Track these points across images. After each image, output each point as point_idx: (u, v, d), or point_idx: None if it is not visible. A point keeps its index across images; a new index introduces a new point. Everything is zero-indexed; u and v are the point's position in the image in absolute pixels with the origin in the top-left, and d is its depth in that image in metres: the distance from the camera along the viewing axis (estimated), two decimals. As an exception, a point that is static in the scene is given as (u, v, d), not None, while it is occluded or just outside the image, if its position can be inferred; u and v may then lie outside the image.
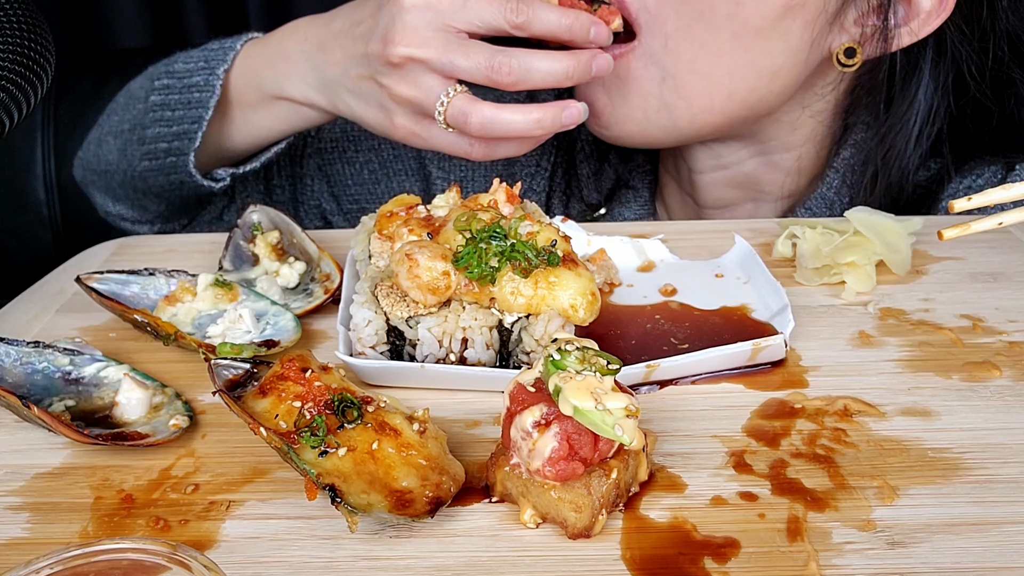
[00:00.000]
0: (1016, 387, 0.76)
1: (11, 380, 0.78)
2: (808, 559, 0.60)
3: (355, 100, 1.03)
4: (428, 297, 0.76)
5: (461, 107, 0.94)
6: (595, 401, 0.60)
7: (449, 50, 0.93)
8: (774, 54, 1.05)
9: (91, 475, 0.70)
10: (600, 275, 0.92)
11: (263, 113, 1.15)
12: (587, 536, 0.62)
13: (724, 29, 1.02)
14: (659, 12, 1.03)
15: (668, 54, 1.04)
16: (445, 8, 0.93)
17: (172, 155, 1.16)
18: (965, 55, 1.08)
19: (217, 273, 0.91)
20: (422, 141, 1.00)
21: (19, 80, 0.88)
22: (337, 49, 1.02)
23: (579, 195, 1.36)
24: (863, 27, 1.05)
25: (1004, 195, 0.76)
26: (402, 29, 0.93)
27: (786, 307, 0.83)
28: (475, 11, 0.93)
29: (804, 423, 0.73)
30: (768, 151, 1.19)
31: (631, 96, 1.08)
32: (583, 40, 0.95)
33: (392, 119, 1.00)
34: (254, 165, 1.22)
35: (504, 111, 0.93)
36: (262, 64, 1.13)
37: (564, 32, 0.94)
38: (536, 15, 0.93)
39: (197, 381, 0.81)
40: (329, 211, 1.39)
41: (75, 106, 1.85)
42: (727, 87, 1.06)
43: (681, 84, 1.06)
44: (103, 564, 0.52)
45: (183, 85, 1.16)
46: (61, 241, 1.89)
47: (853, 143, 1.16)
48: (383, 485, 0.63)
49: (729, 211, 1.26)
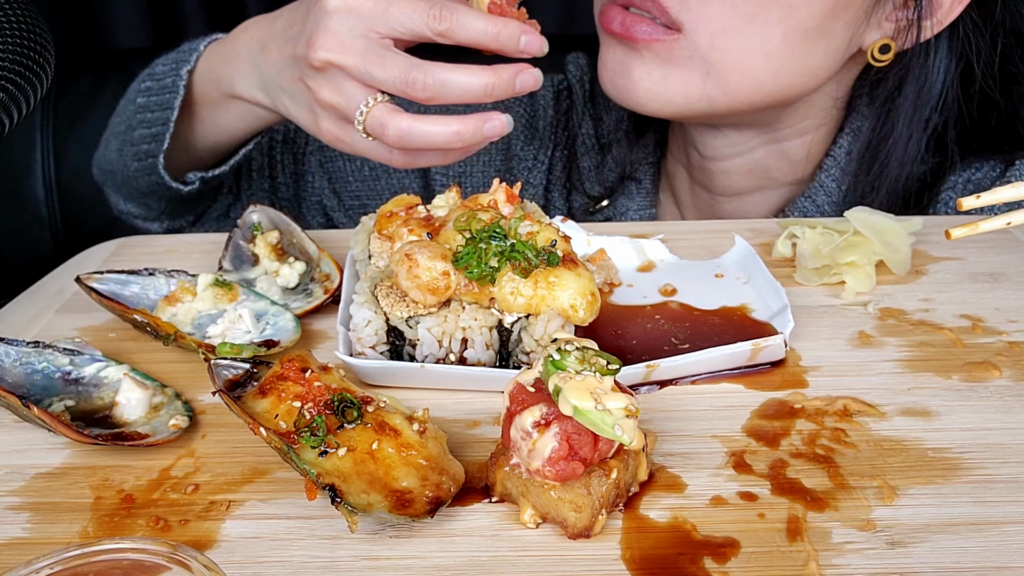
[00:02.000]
0: (1016, 387, 0.76)
1: (11, 380, 0.78)
2: (808, 559, 0.60)
3: (290, 101, 1.02)
4: (428, 297, 0.76)
5: (379, 117, 0.92)
6: (595, 401, 0.60)
7: (368, 59, 0.91)
8: (817, 54, 1.07)
9: (91, 475, 0.70)
10: (600, 275, 0.92)
11: (223, 112, 1.16)
12: (587, 536, 0.62)
13: (774, 31, 1.04)
14: (705, 11, 1.03)
15: (715, 51, 1.05)
16: (367, 13, 0.91)
17: (150, 156, 1.18)
18: (975, 46, 1.10)
19: (217, 273, 0.91)
20: (346, 146, 0.99)
21: (19, 80, 0.88)
22: (274, 49, 1.01)
23: (581, 188, 1.36)
24: (895, 22, 1.08)
25: (1013, 193, 0.76)
26: (324, 33, 0.91)
27: (786, 307, 0.83)
28: (397, 17, 0.90)
29: (804, 423, 0.73)
30: (780, 139, 1.20)
31: (673, 82, 1.09)
32: (512, 50, 0.92)
33: (318, 122, 0.99)
34: (223, 169, 1.23)
35: (423, 123, 0.91)
36: (218, 63, 1.13)
37: (491, 41, 0.91)
38: (461, 23, 0.90)
39: (197, 381, 0.81)
40: (331, 207, 1.40)
41: (75, 106, 1.85)
42: (770, 85, 1.08)
43: (725, 80, 1.07)
44: (103, 564, 0.52)
45: (159, 87, 1.17)
46: (61, 241, 1.89)
47: (857, 131, 1.19)
48: (383, 485, 0.63)
49: (739, 199, 1.27)
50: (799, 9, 1.03)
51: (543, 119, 1.39)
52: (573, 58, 1.42)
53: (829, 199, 1.19)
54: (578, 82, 1.39)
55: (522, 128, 1.38)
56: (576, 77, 1.40)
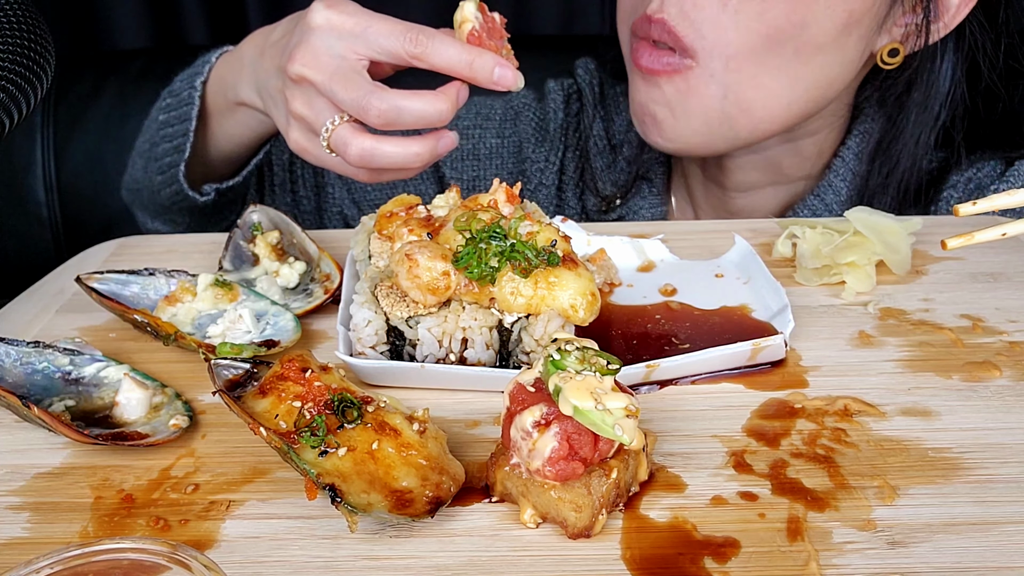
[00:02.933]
0: (1016, 387, 0.76)
1: (11, 380, 0.78)
2: (808, 559, 0.60)
3: (274, 107, 1.05)
4: (428, 297, 0.76)
5: (343, 136, 0.94)
6: (595, 401, 0.60)
7: (335, 78, 0.93)
8: (832, 66, 1.10)
9: (91, 475, 0.70)
10: (600, 275, 0.92)
11: (231, 120, 1.19)
12: (587, 536, 0.62)
13: (787, 49, 1.06)
14: (719, 38, 1.05)
15: (730, 73, 1.07)
16: (347, 32, 0.93)
17: (172, 167, 1.22)
18: (981, 45, 1.12)
19: (217, 273, 0.91)
20: (312, 158, 1.00)
21: (19, 81, 0.88)
22: (268, 58, 1.04)
23: (593, 188, 1.38)
24: (904, 27, 1.10)
25: (1009, 200, 0.76)
26: (304, 48, 0.94)
27: (786, 307, 0.83)
28: (375, 39, 0.93)
29: (804, 423, 0.73)
30: (795, 137, 1.22)
31: (692, 112, 1.11)
32: (485, 81, 0.93)
33: (289, 132, 1.01)
34: (237, 179, 1.26)
35: (384, 144, 0.94)
36: (226, 72, 1.17)
37: (464, 69, 0.92)
38: (435, 48, 0.92)
39: (197, 381, 0.81)
40: (351, 216, 1.43)
41: (74, 106, 1.86)
42: (787, 99, 1.10)
43: (742, 100, 1.10)
44: (103, 564, 0.52)
45: (177, 101, 1.21)
46: (61, 241, 1.89)
47: (865, 132, 1.21)
48: (383, 485, 0.63)
49: (751, 194, 1.29)
50: (811, 26, 1.05)
51: (554, 122, 1.41)
52: (582, 63, 1.45)
53: (838, 198, 1.21)
54: (587, 85, 1.42)
55: (533, 131, 1.41)
56: (586, 81, 1.42)
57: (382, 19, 0.94)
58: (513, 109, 1.41)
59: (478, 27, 0.93)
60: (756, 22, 1.04)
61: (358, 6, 0.95)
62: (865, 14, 1.07)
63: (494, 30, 0.96)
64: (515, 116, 1.41)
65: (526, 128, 1.40)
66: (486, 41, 0.94)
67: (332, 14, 0.94)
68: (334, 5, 0.94)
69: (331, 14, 0.94)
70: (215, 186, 1.25)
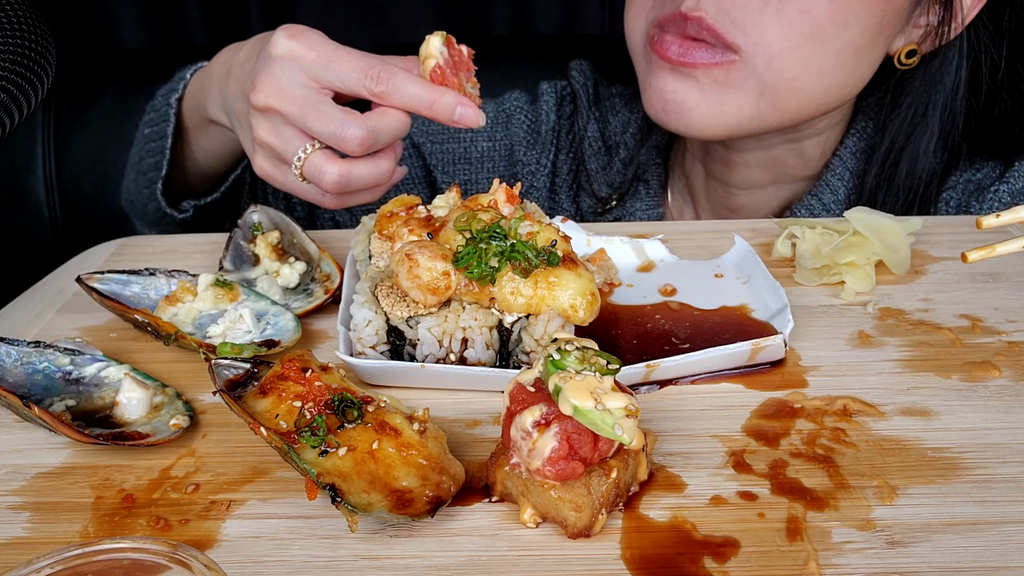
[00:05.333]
0: (1015, 387, 0.77)
1: (12, 380, 0.78)
2: (808, 558, 0.60)
3: (241, 131, 1.04)
4: (428, 297, 0.76)
5: (318, 165, 0.94)
6: (595, 401, 0.60)
7: (305, 110, 0.92)
8: (862, 66, 1.11)
9: (92, 475, 0.70)
10: (600, 275, 0.92)
11: (204, 136, 1.19)
12: (587, 536, 0.62)
13: (829, 49, 1.06)
14: (763, 34, 1.05)
15: (771, 72, 1.07)
16: (309, 64, 0.93)
17: (153, 183, 1.22)
18: (985, 46, 1.13)
19: (217, 273, 0.92)
20: (279, 184, 1.00)
21: (20, 81, 0.89)
22: (233, 80, 1.04)
23: (589, 189, 1.38)
24: (923, 28, 1.12)
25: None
26: (267, 78, 0.94)
27: (785, 307, 0.83)
28: (337, 72, 0.92)
29: (804, 423, 0.73)
30: (800, 137, 1.22)
31: (727, 104, 1.10)
32: (447, 120, 0.93)
33: (254, 158, 1.01)
34: (215, 196, 1.25)
35: (356, 166, 0.94)
36: (198, 89, 1.17)
37: (425, 109, 0.92)
38: (397, 87, 0.91)
39: (197, 381, 0.81)
40: (343, 223, 1.43)
41: (75, 106, 1.86)
42: (819, 100, 1.11)
43: (778, 99, 1.09)
44: (103, 564, 0.52)
45: (157, 116, 1.21)
46: (61, 241, 1.89)
47: (861, 131, 1.22)
48: (383, 485, 0.64)
49: (753, 192, 1.29)
50: (853, 26, 1.05)
51: (545, 124, 1.41)
52: (576, 64, 1.44)
53: (835, 198, 1.22)
54: (582, 87, 1.42)
55: (525, 134, 1.40)
56: (580, 83, 1.42)
57: (345, 53, 0.93)
58: (505, 112, 1.41)
59: (442, 62, 0.93)
60: (799, 20, 1.04)
61: (321, 36, 0.95)
62: (896, 14, 1.08)
63: (460, 63, 0.96)
64: (507, 119, 1.41)
65: (518, 131, 1.40)
66: (449, 77, 0.93)
67: (295, 45, 0.93)
68: (297, 36, 0.94)
69: (293, 45, 0.93)
70: (193, 203, 1.24)
